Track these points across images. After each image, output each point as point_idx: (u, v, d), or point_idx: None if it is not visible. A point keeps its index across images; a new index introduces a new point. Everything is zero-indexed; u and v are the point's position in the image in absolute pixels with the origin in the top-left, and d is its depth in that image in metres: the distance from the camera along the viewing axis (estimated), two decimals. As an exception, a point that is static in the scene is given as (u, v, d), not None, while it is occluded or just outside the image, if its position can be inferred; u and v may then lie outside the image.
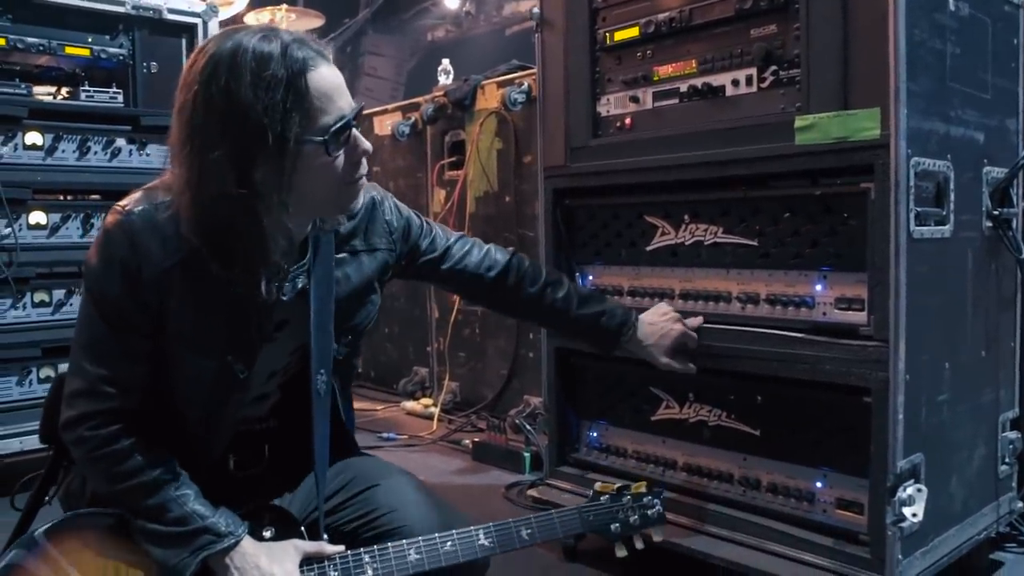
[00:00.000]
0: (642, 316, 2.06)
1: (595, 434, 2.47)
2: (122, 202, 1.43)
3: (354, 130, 1.40)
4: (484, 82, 3.87)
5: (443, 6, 6.75)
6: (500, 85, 3.77)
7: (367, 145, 1.43)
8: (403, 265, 1.75)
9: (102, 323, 1.42)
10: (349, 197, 1.46)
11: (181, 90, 1.35)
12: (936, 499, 1.83)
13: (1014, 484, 2.23)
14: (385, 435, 3.82)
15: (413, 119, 4.29)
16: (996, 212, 2.06)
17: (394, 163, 4.51)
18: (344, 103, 1.38)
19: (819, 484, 1.96)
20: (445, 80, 4.31)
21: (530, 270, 1.94)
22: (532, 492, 2.59)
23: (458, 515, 1.65)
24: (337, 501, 1.62)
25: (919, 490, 1.76)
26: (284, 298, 1.48)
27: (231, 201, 1.31)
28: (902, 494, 1.74)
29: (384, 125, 4.51)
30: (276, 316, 1.50)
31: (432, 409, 4.10)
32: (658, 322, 2.06)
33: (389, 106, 4.62)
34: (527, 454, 3.21)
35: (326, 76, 1.35)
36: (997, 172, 2.07)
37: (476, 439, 3.50)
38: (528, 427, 3.27)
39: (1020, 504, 2.24)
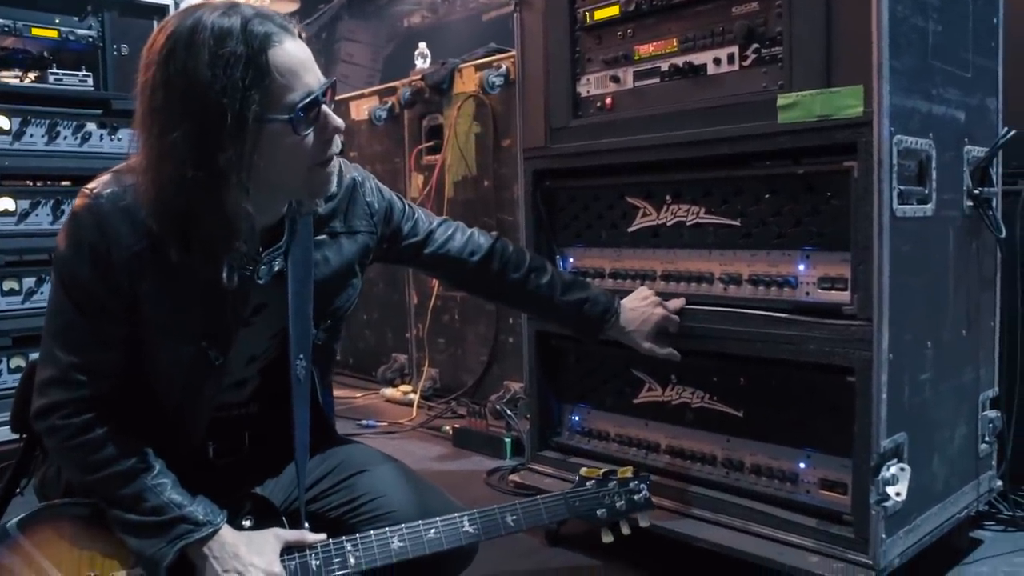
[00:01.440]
0: (623, 301, 2.04)
1: (577, 418, 2.46)
2: (90, 185, 1.40)
3: (324, 107, 1.35)
4: (462, 66, 3.84)
5: (419, -9, 6.68)
6: (478, 68, 3.74)
7: (338, 122, 1.38)
8: (384, 248, 1.72)
9: (73, 309, 1.39)
10: (321, 181, 1.41)
11: (142, 70, 1.31)
12: (919, 478, 1.83)
13: (993, 463, 2.24)
14: (364, 422, 3.79)
15: (390, 103, 4.25)
16: (976, 191, 2.06)
17: (371, 148, 4.46)
18: (312, 79, 1.33)
19: (802, 465, 1.95)
20: (422, 64, 4.27)
21: (514, 255, 1.92)
22: (514, 477, 2.57)
23: (447, 501, 1.64)
24: (323, 487, 1.60)
25: (902, 469, 1.76)
26: (260, 281, 1.45)
27: (190, 184, 1.27)
28: (885, 473, 1.74)
29: (361, 109, 4.46)
30: (253, 300, 1.47)
31: (411, 396, 4.08)
32: (639, 307, 2.04)
33: (366, 90, 4.57)
34: (508, 439, 3.20)
35: (291, 51, 1.30)
36: (978, 151, 2.07)
37: (456, 425, 3.47)
38: (509, 412, 3.25)
39: (999, 483, 2.26)
